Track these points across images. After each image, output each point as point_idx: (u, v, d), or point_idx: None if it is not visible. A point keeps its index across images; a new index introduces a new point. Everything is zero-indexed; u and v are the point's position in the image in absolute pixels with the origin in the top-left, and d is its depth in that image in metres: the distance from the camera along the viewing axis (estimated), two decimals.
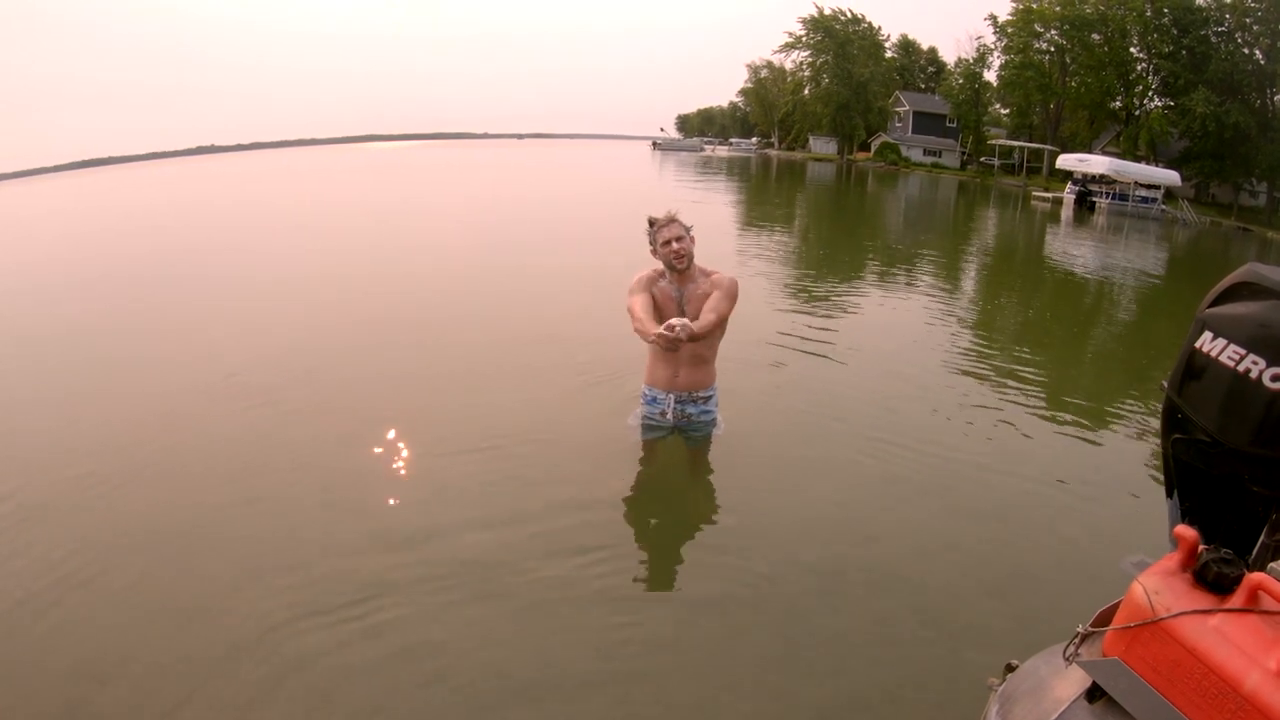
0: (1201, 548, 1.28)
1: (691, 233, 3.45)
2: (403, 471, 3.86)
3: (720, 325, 3.44)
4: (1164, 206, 32.26)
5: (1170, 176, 32.91)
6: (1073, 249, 17.39)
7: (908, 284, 10.24)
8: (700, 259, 3.47)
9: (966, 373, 5.87)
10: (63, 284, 9.12)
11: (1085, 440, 4.60)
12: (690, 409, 3.63)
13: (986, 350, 6.74)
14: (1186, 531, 1.28)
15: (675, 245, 3.36)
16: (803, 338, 6.52)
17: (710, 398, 3.67)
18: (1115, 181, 32.22)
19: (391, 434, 4.22)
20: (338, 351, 5.87)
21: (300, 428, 4.35)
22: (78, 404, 4.81)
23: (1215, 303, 1.54)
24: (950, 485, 3.84)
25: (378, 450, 4.05)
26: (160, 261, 10.79)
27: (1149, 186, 32.48)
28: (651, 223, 3.44)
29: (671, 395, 3.60)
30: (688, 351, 3.50)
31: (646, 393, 3.69)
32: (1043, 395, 5.44)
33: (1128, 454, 4.43)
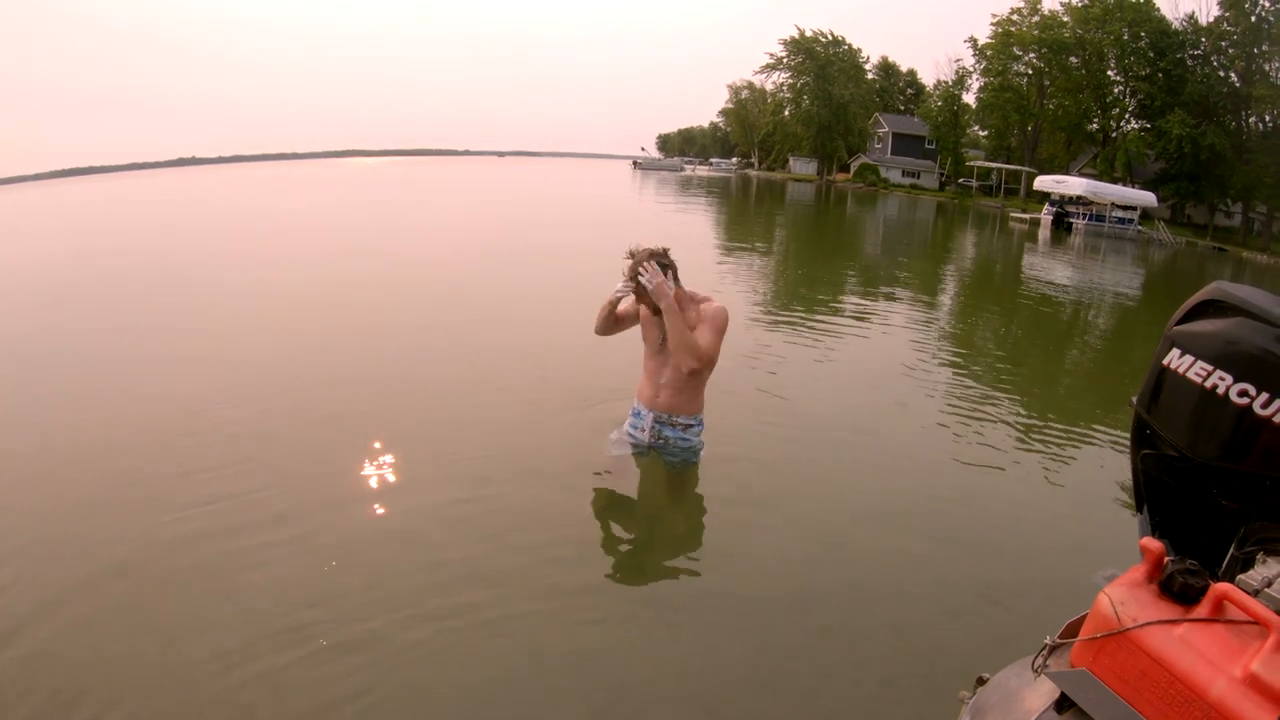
0: (1167, 559, 1.29)
1: (673, 273, 3.41)
2: (378, 494, 3.76)
3: (701, 354, 3.36)
4: (1140, 227, 32.82)
5: (1146, 198, 33.51)
6: (1049, 269, 17.60)
7: (887, 304, 10.31)
8: (682, 277, 3.48)
9: (944, 391, 5.91)
10: (48, 289, 9.01)
11: (1059, 457, 4.64)
12: (668, 432, 3.63)
13: (964, 369, 6.80)
14: (1152, 543, 1.29)
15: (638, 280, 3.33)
16: (781, 356, 6.55)
17: (691, 427, 3.64)
18: (1092, 202, 32.80)
19: (368, 455, 4.17)
20: (314, 369, 5.79)
21: (274, 448, 4.30)
22: (56, 413, 4.73)
23: (1183, 320, 1.57)
24: (926, 503, 3.85)
25: (355, 472, 3.95)
26: (171, 269, 10.69)
27: (1125, 207, 33.07)
28: (632, 255, 3.40)
29: (651, 414, 3.61)
30: (670, 375, 3.51)
31: (634, 406, 3.72)
32: (1018, 413, 5.49)
33: (1101, 470, 4.47)
